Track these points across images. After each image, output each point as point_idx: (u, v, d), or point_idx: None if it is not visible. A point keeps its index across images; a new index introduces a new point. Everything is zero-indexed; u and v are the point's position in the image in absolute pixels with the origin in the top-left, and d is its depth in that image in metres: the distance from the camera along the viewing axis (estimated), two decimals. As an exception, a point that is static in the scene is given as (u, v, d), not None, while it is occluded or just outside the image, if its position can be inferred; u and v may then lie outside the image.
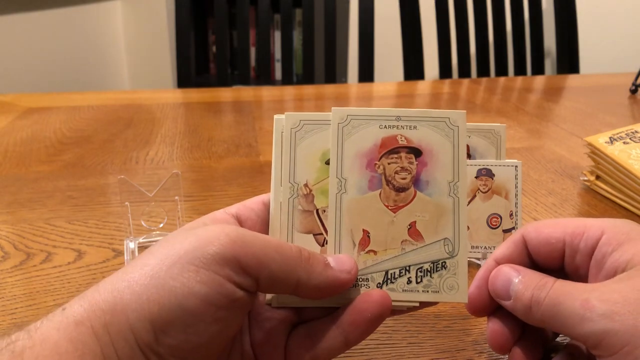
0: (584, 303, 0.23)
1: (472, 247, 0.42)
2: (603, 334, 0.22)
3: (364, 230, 0.27)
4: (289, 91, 1.04)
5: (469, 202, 0.42)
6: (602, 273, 0.26)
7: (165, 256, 0.23)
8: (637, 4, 1.73)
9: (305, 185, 0.28)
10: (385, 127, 0.27)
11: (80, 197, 0.55)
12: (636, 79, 0.95)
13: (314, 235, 0.28)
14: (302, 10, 1.25)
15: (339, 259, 0.26)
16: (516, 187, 0.42)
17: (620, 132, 0.58)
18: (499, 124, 0.42)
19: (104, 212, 0.52)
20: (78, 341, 0.21)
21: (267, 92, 1.01)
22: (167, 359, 0.22)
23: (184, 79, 1.26)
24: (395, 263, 0.27)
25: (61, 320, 0.21)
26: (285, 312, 0.27)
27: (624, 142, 0.56)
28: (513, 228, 0.42)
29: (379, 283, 0.27)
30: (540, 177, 0.61)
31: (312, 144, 0.28)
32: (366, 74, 1.25)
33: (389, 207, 0.27)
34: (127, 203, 0.43)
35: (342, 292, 0.26)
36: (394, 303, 0.26)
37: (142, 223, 0.45)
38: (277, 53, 1.97)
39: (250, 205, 0.29)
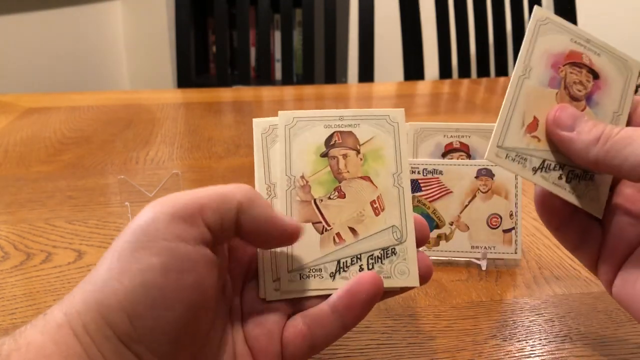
0: None
1: (472, 247, 0.42)
2: None
3: (534, 117, 0.28)
4: (289, 91, 1.04)
5: (470, 202, 0.42)
6: None
7: (115, 248, 0.23)
8: (637, 4, 1.73)
9: (302, 177, 0.29)
10: (575, 42, 0.29)
11: (80, 197, 0.55)
12: (636, 79, 0.95)
13: (313, 224, 0.29)
14: (302, 10, 1.25)
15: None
16: (516, 187, 0.42)
17: (621, 132, 0.58)
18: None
19: (104, 212, 0.52)
20: (62, 343, 0.21)
21: (267, 92, 1.01)
22: (152, 346, 0.22)
23: (184, 79, 1.26)
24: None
25: (44, 324, 0.22)
26: (279, 304, 0.28)
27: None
28: (513, 228, 0.42)
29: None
30: (540, 177, 0.60)
31: (306, 139, 0.30)
32: (366, 74, 1.25)
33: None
34: (127, 203, 0.43)
35: (289, 244, 0.27)
36: None
37: (142, 223, 0.45)
38: (277, 53, 1.98)
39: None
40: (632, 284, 0.26)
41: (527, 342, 0.34)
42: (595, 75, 0.29)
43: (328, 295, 0.27)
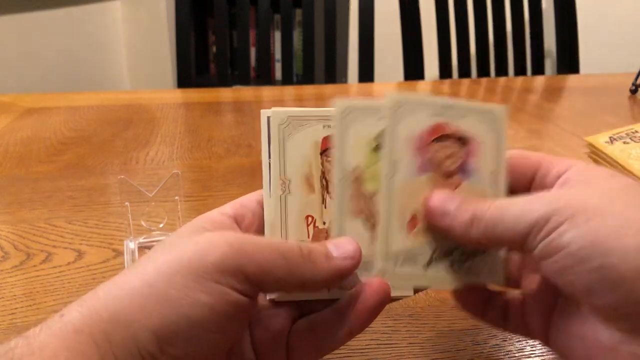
0: (533, 197, 0.24)
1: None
2: (550, 213, 0.22)
3: (411, 214, 0.27)
4: (289, 91, 1.04)
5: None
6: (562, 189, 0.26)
7: (166, 265, 0.23)
8: (637, 4, 1.73)
9: (354, 169, 0.27)
10: (436, 114, 0.28)
11: (80, 197, 0.55)
12: (636, 79, 0.95)
13: (365, 219, 0.27)
14: (302, 10, 1.25)
15: (340, 244, 0.26)
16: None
17: (621, 132, 0.58)
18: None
19: (104, 212, 0.52)
20: (77, 350, 0.20)
21: (267, 92, 1.01)
22: None
23: (184, 79, 1.26)
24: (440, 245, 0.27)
25: (60, 327, 0.21)
26: (285, 307, 0.27)
27: (624, 142, 0.56)
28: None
29: (425, 263, 0.27)
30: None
31: (358, 131, 0.28)
32: (366, 74, 1.25)
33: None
34: (127, 203, 0.43)
35: (347, 278, 0.26)
36: (442, 285, 0.27)
37: (142, 223, 0.45)
38: (277, 53, 1.97)
39: (244, 203, 0.29)
40: (563, 335, 0.25)
41: (527, 342, 0.34)
42: (465, 141, 0.28)
43: (333, 300, 0.27)
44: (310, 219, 0.28)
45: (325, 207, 0.28)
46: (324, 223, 0.28)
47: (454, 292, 0.29)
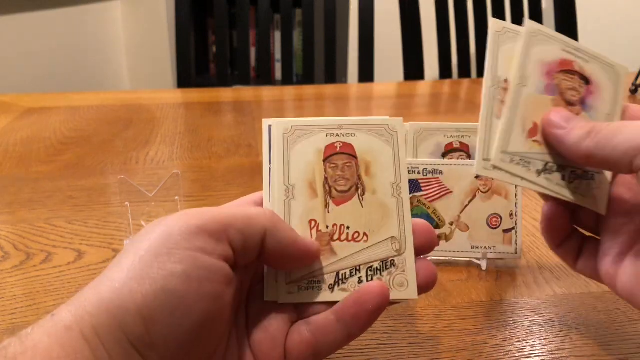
0: None
1: (472, 246, 0.42)
2: None
3: (534, 122, 0.29)
4: (289, 91, 1.04)
5: (470, 202, 0.42)
6: None
7: (138, 250, 0.23)
8: (637, 4, 1.73)
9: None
10: (566, 51, 0.31)
11: (80, 197, 0.55)
12: (636, 79, 0.95)
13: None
14: (302, 10, 1.25)
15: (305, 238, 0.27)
16: (516, 187, 0.42)
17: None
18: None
19: (104, 212, 0.52)
20: (69, 346, 0.21)
21: (267, 92, 1.01)
22: (164, 352, 0.22)
23: (184, 79, 1.26)
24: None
25: (51, 326, 0.21)
26: (284, 310, 0.28)
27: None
28: (513, 228, 0.42)
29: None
30: (540, 177, 0.60)
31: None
32: (366, 74, 1.25)
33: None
34: (127, 203, 0.43)
35: (308, 263, 0.27)
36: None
37: (142, 223, 0.45)
38: (277, 53, 1.97)
39: (241, 205, 0.29)
40: (635, 279, 0.26)
41: (527, 342, 0.34)
42: (587, 81, 0.30)
43: (334, 302, 0.27)
44: (313, 222, 0.29)
45: (328, 212, 0.29)
46: (327, 227, 0.29)
47: (546, 216, 0.30)
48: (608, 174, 0.30)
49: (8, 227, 0.49)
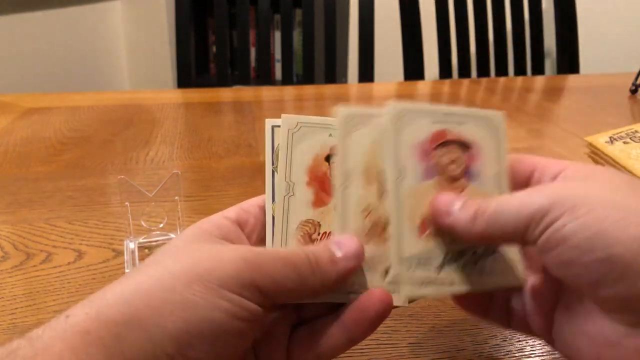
0: (533, 190, 0.24)
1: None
2: (550, 204, 0.22)
3: (421, 217, 0.28)
4: (289, 91, 1.04)
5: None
6: None
7: (182, 272, 0.23)
8: (637, 4, 1.73)
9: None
10: (437, 122, 0.28)
11: (80, 197, 0.55)
12: (636, 79, 0.95)
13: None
14: (302, 10, 1.25)
15: (342, 243, 0.26)
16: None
17: (621, 132, 0.58)
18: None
19: (104, 212, 0.52)
20: (82, 352, 0.20)
21: (267, 92, 1.01)
22: None
23: (184, 79, 1.26)
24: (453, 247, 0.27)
25: (65, 329, 0.21)
26: (285, 311, 0.27)
27: (624, 142, 0.56)
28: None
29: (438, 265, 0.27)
30: (540, 177, 0.60)
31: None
32: (366, 74, 1.25)
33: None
34: (127, 203, 0.43)
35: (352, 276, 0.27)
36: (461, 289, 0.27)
37: (142, 223, 0.45)
38: (277, 53, 1.97)
39: (247, 208, 0.29)
40: (565, 338, 0.25)
41: (527, 342, 0.34)
42: (467, 147, 0.28)
43: (337, 305, 0.27)
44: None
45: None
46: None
47: (455, 295, 0.29)
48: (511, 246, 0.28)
49: (8, 227, 0.49)
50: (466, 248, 0.27)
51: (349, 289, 0.27)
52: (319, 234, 0.28)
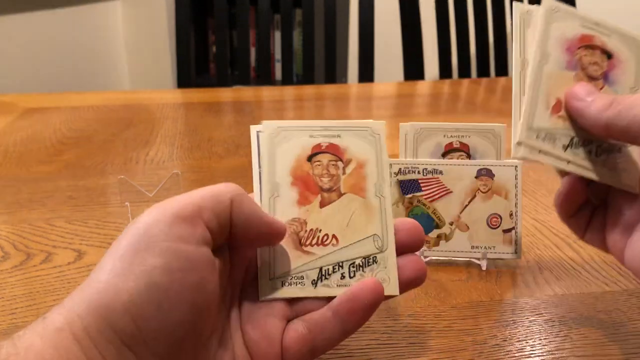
0: None
1: (472, 246, 0.42)
2: None
3: (557, 98, 0.29)
4: (289, 91, 1.04)
5: (470, 202, 0.42)
6: None
7: (117, 250, 0.23)
8: (637, 4, 1.73)
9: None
10: (586, 27, 0.31)
11: (80, 197, 0.55)
12: (636, 79, 0.95)
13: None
14: (302, 10, 1.25)
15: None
16: (516, 187, 0.42)
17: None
18: (498, 124, 0.42)
19: (104, 212, 0.52)
20: (61, 347, 0.21)
21: (267, 92, 1.01)
22: (155, 348, 0.22)
23: (184, 79, 1.26)
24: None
25: (43, 327, 0.22)
26: (277, 307, 0.28)
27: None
28: (513, 228, 0.42)
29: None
30: (540, 177, 0.61)
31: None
32: (366, 74, 1.25)
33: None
34: (127, 203, 0.43)
35: (274, 243, 0.28)
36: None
37: (142, 223, 0.45)
38: (277, 53, 1.97)
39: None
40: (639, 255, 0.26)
41: (527, 342, 0.34)
42: (609, 55, 0.30)
43: (330, 298, 0.28)
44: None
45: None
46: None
47: (568, 187, 0.30)
48: (635, 149, 0.29)
49: (8, 227, 0.49)
50: (592, 139, 0.29)
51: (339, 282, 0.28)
52: (305, 231, 0.29)
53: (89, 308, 0.22)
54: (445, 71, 1.30)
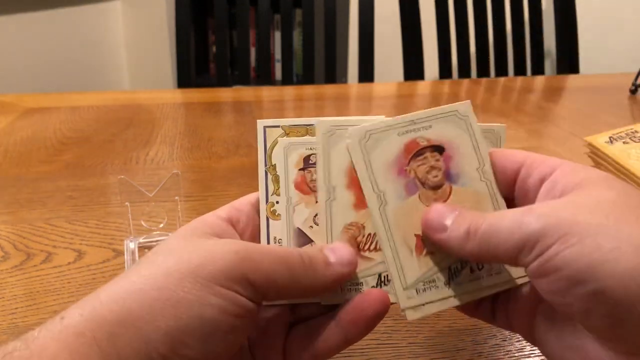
0: (524, 210, 0.23)
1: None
2: (541, 230, 0.22)
3: (415, 235, 0.27)
4: (289, 91, 1.04)
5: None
6: (550, 196, 0.25)
7: (173, 269, 0.23)
8: (637, 4, 1.73)
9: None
10: (404, 133, 0.28)
11: (80, 197, 0.55)
12: (636, 79, 0.95)
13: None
14: (302, 10, 1.25)
15: (337, 250, 0.26)
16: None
17: (620, 132, 0.58)
18: (499, 125, 0.42)
19: (104, 212, 0.52)
20: (77, 353, 0.20)
21: (267, 92, 1.01)
22: None
23: (184, 79, 1.26)
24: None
25: (60, 330, 0.21)
26: (280, 311, 0.27)
27: (623, 142, 0.56)
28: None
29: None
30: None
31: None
32: (366, 74, 1.25)
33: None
34: (127, 203, 0.43)
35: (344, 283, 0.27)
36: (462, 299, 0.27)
37: (142, 223, 0.45)
38: (277, 53, 1.97)
39: (239, 207, 0.29)
40: (553, 342, 0.25)
41: (527, 342, 0.34)
42: (441, 150, 0.28)
43: (332, 306, 0.27)
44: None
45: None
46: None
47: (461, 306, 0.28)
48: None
49: (8, 227, 0.49)
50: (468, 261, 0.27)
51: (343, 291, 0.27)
52: (363, 235, 0.28)
53: (124, 317, 0.21)
54: (445, 71, 1.30)
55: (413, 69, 1.27)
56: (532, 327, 0.26)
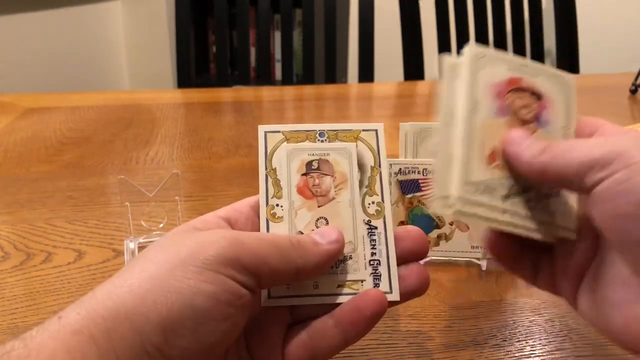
0: (600, 138, 0.25)
1: (472, 247, 0.42)
2: (616, 153, 0.22)
3: (492, 150, 0.28)
4: (289, 91, 1.04)
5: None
6: None
7: (165, 260, 0.23)
8: (637, 4, 1.73)
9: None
10: (514, 69, 0.30)
11: (80, 197, 0.55)
12: (636, 79, 0.95)
13: None
14: (302, 10, 1.25)
15: (324, 232, 0.27)
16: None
17: (621, 132, 0.58)
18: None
19: (104, 212, 0.52)
20: (75, 350, 0.20)
21: (267, 92, 1.01)
22: None
23: (184, 79, 1.26)
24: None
25: (58, 329, 0.21)
26: (279, 312, 0.28)
27: (624, 142, 0.56)
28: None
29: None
30: (540, 177, 0.60)
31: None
32: (366, 74, 1.25)
33: None
34: (127, 203, 0.43)
35: (331, 265, 0.27)
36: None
37: (142, 223, 0.45)
38: (277, 53, 1.97)
39: (238, 208, 0.30)
40: (591, 303, 0.25)
41: (527, 342, 0.35)
42: (539, 96, 0.30)
43: (332, 306, 0.27)
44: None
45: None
46: None
47: (488, 240, 0.29)
48: (573, 195, 0.28)
49: (8, 227, 0.49)
50: (531, 186, 0.28)
51: (342, 288, 0.28)
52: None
53: (118, 311, 0.21)
54: (445, 71, 1.30)
55: (413, 69, 1.27)
56: (576, 286, 0.26)
